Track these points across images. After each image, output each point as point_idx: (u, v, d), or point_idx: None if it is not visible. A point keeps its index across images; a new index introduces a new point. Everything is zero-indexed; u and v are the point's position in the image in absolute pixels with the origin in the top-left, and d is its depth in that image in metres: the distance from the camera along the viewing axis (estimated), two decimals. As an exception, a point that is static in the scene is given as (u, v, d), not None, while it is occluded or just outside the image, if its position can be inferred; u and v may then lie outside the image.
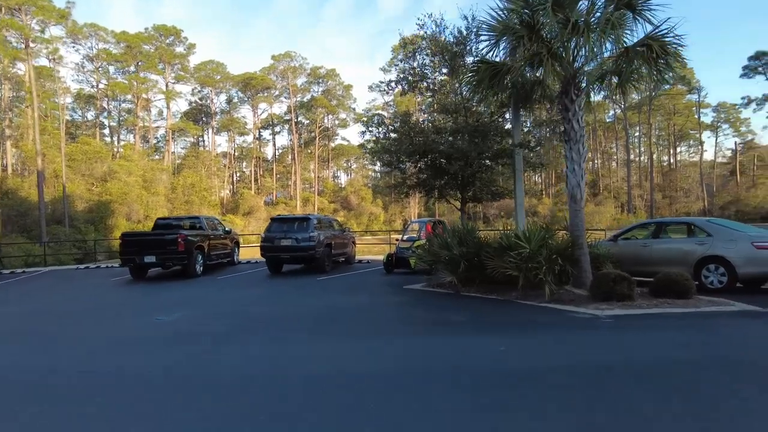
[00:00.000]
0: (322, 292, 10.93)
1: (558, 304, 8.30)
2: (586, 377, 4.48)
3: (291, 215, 15.88)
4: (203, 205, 42.95)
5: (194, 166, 56.85)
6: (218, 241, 17.01)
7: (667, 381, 4.29)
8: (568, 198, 9.23)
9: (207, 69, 63.15)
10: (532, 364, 4.95)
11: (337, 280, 13.23)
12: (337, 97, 64.74)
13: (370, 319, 7.65)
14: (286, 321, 7.76)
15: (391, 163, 12.88)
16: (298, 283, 12.86)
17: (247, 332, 7.02)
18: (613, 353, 5.29)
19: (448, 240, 9.87)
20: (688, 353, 5.27)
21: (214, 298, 10.79)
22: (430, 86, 12.30)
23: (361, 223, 56.22)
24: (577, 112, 9.06)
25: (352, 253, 17.60)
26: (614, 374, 4.55)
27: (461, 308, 8.43)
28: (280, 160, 73.26)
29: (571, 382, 4.32)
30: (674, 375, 4.50)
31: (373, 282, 12.61)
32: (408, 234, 15.15)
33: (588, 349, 5.51)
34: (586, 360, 5.04)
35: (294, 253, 14.36)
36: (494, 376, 4.57)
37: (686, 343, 5.70)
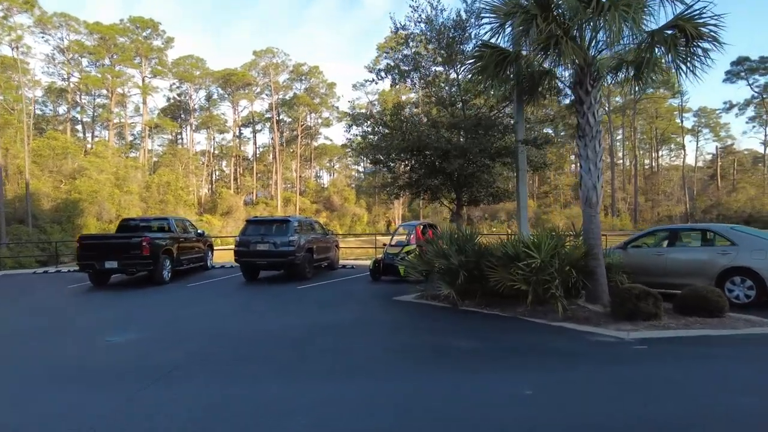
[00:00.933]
0: (301, 305, 9.70)
1: (573, 323, 7.24)
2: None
3: (268, 217, 14.58)
4: (179, 204, 41.15)
5: (171, 164, 54.86)
6: (189, 245, 15.64)
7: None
8: (582, 202, 8.20)
9: (186, 64, 61.12)
10: (570, 419, 3.83)
11: (319, 288, 12.01)
12: (320, 95, 63.28)
13: (358, 345, 6.45)
14: (257, 346, 6.52)
15: (380, 160, 11.73)
16: (276, 292, 11.60)
17: (207, 363, 5.77)
18: (667, 399, 4.21)
19: (445, 248, 8.74)
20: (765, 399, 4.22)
21: (179, 311, 9.48)
22: (423, 76, 11.17)
23: (344, 225, 54.90)
24: (593, 105, 8.03)
25: (335, 258, 16.38)
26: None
27: (463, 329, 7.30)
28: (260, 159, 71.44)
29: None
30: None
31: (358, 291, 11.43)
32: (396, 238, 14.01)
33: (632, 392, 4.42)
34: (640, 411, 3.94)
35: (272, 259, 13.08)
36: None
37: (755, 383, 4.65)
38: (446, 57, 10.59)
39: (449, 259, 8.63)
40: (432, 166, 10.68)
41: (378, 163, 11.99)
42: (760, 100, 58.52)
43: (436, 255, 8.87)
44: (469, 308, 8.64)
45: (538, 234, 8.01)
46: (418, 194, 11.78)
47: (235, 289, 12.36)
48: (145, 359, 5.94)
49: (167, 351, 6.33)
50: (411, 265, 9.47)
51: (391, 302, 9.78)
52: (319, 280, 13.55)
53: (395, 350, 6.20)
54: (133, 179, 40.87)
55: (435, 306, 9.05)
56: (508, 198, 12.03)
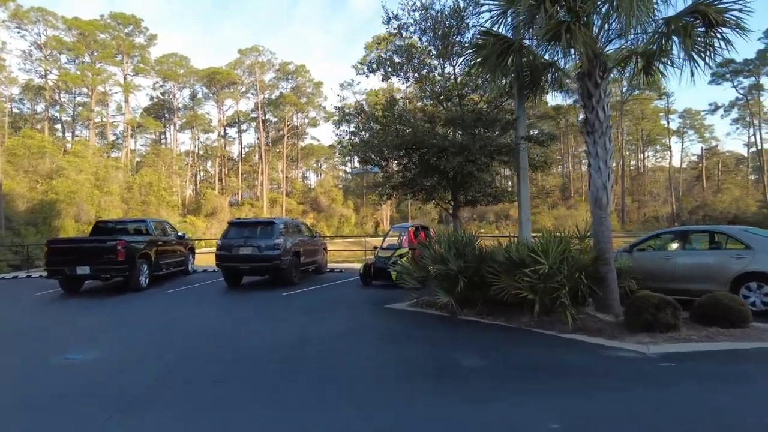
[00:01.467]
0: (286, 315, 8.96)
1: (585, 335, 6.64)
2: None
3: (252, 219, 13.80)
4: (161, 205, 39.99)
5: (154, 164, 53.51)
6: (169, 248, 14.80)
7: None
8: (591, 203, 7.61)
9: (169, 62, 59.73)
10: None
11: (306, 295, 11.29)
12: (306, 94, 62.34)
13: (350, 363, 5.75)
14: (237, 365, 5.79)
15: (371, 159, 11.06)
16: (260, 299, 10.85)
17: (180, 386, 5.04)
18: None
19: (443, 252, 8.09)
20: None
21: (152, 322, 8.69)
22: (417, 69, 10.51)
23: (331, 226, 54.08)
24: (603, 99, 7.45)
25: (323, 262, 15.66)
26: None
27: (467, 342, 6.64)
28: (246, 159, 70.22)
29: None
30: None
31: (348, 298, 10.73)
32: (388, 241, 13.34)
33: (679, 424, 3.80)
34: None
35: (255, 264, 12.32)
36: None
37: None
38: (442, 49, 9.95)
39: (448, 264, 7.99)
40: (428, 165, 10.02)
41: (369, 163, 11.30)
42: (744, 101, 59.07)
43: (433, 260, 8.21)
44: (470, 317, 8.00)
45: (544, 237, 7.39)
46: (412, 195, 11.11)
47: (216, 297, 11.58)
48: (107, 382, 5.18)
49: (135, 371, 5.57)
50: (406, 271, 8.80)
51: (384, 310, 9.10)
52: (307, 285, 12.82)
53: (389, 368, 5.51)
54: (114, 180, 39.61)
55: (431, 315, 8.39)
56: (508, 198, 11.44)
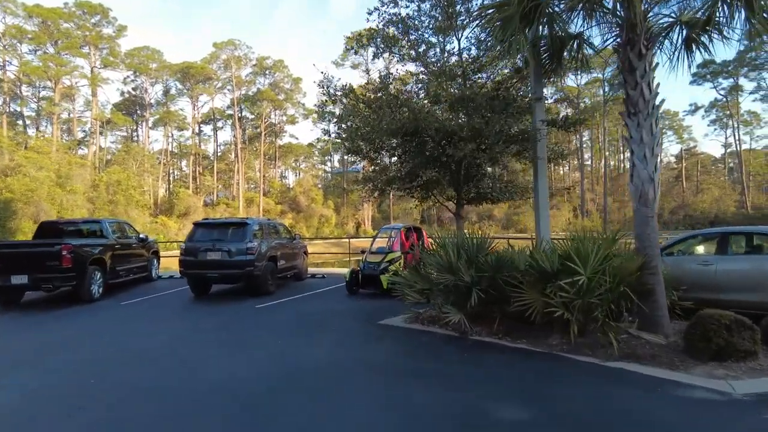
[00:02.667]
0: (256, 337, 7.36)
1: (637, 364, 5.27)
2: None
3: (222, 219, 12.12)
4: (130, 205, 37.66)
5: (124, 163, 50.90)
6: (128, 252, 13.04)
7: None
8: (634, 199, 6.26)
9: (141, 55, 57.06)
10: None
11: (283, 308, 9.72)
12: (284, 90, 60.33)
13: (337, 415, 4.26)
14: (188, 417, 4.23)
15: (360, 150, 9.55)
16: (229, 314, 9.23)
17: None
18: None
19: (453, 259, 6.64)
20: None
21: (95, 344, 7.03)
22: (414, 44, 8.99)
23: (311, 226, 52.30)
24: (648, 72, 6.12)
25: (303, 267, 14.07)
26: None
27: (492, 379, 5.16)
28: (222, 157, 67.83)
29: None
30: None
31: (334, 312, 9.20)
32: (377, 244, 11.86)
33: None
34: None
35: (225, 270, 10.69)
36: None
37: None
38: (445, 19, 8.49)
39: (458, 274, 6.54)
40: (429, 154, 8.55)
41: (357, 154, 9.77)
42: (723, 102, 59.49)
43: (440, 269, 6.76)
44: (484, 338, 6.58)
45: (577, 239, 6.01)
46: (408, 191, 9.59)
47: (178, 310, 9.92)
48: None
49: (52, 423, 3.98)
50: (406, 282, 7.31)
51: (378, 329, 7.61)
52: (284, 295, 11.24)
53: (394, 427, 4.02)
54: (78, 177, 37.12)
55: (436, 334, 6.94)
56: (522, 195, 10.04)
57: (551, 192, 9.96)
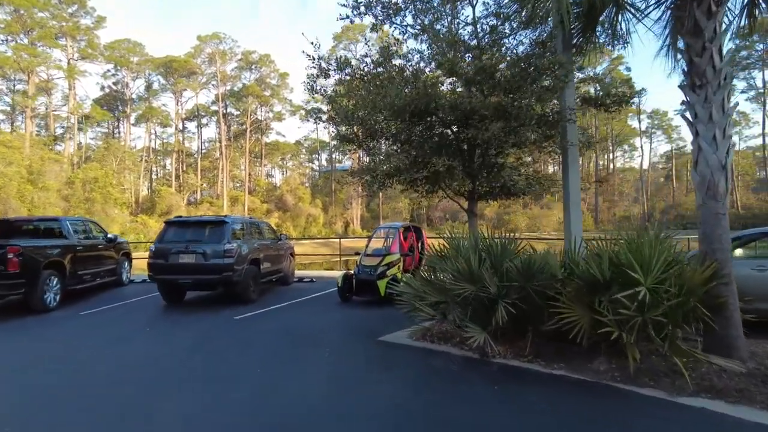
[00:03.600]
0: (232, 362, 6.02)
1: (722, 402, 4.09)
2: None
3: (197, 217, 10.76)
4: (108, 203, 35.87)
5: (104, 159, 48.93)
6: (93, 254, 11.62)
7: None
8: (699, 191, 5.08)
9: (121, 48, 55.07)
10: None
11: (267, 319, 8.41)
12: (271, 86, 58.68)
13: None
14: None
15: (352, 139, 8.23)
16: (202, 327, 7.90)
17: None
18: None
19: (474, 265, 5.40)
20: None
21: (35, 373, 5.67)
22: (421, 11, 7.68)
23: (298, 226, 50.81)
24: (718, 35, 4.96)
25: (289, 270, 12.75)
26: None
27: (548, 427, 3.96)
28: (207, 155, 65.95)
29: None
30: None
31: (324, 325, 7.91)
32: (373, 245, 10.60)
33: None
34: None
35: (200, 276, 9.35)
36: None
37: None
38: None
39: (481, 283, 5.32)
40: (440, 139, 7.27)
41: (351, 142, 8.45)
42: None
43: (458, 277, 5.52)
44: (510, 361, 5.35)
45: (636, 240, 4.80)
46: (413, 184, 8.25)
47: (144, 322, 8.55)
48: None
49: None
50: (415, 293, 6.04)
51: (380, 348, 6.36)
52: (269, 302, 9.93)
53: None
54: (52, 174, 35.25)
55: (452, 356, 5.70)
56: (549, 187, 8.77)
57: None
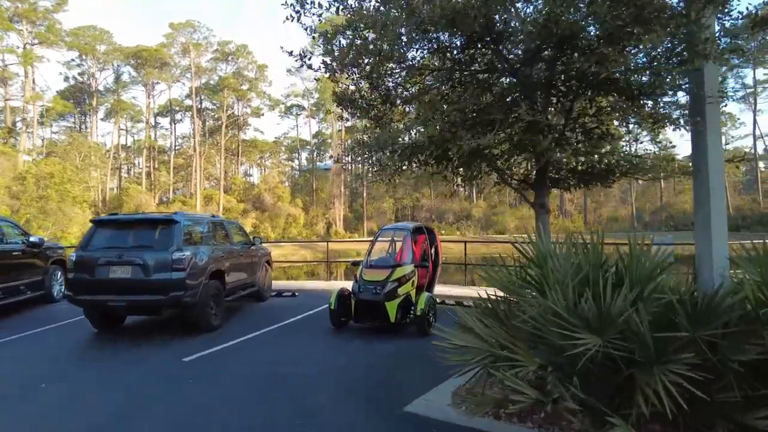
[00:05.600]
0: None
1: None
2: None
3: (135, 215, 8.02)
4: (65, 201, 32.44)
5: (66, 155, 45.22)
6: (6, 263, 8.91)
7: None
8: None
9: (86, 35, 51.30)
10: None
11: (228, 364, 5.81)
12: (249, 80, 55.51)
13: None
14: None
15: (355, 101, 5.66)
16: (131, 381, 5.26)
17: None
18: None
19: (601, 301, 2.92)
20: None
21: None
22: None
23: (277, 227, 47.83)
24: None
25: (265, 282, 10.12)
26: None
27: None
28: (181, 152, 62.38)
29: None
30: None
31: (315, 374, 5.36)
32: (376, 253, 8.07)
33: None
34: None
35: (138, 297, 6.70)
36: None
37: None
38: None
39: (613, 331, 2.86)
40: (511, 85, 4.77)
41: (352, 105, 5.84)
42: (702, 101, 58.27)
43: (570, 322, 3.03)
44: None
45: None
46: (446, 164, 5.58)
47: (49, 366, 5.87)
48: None
49: None
50: (493, 353, 3.48)
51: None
52: (235, 330, 7.31)
53: None
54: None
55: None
56: (660, 171, 6.27)
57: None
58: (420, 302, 6.84)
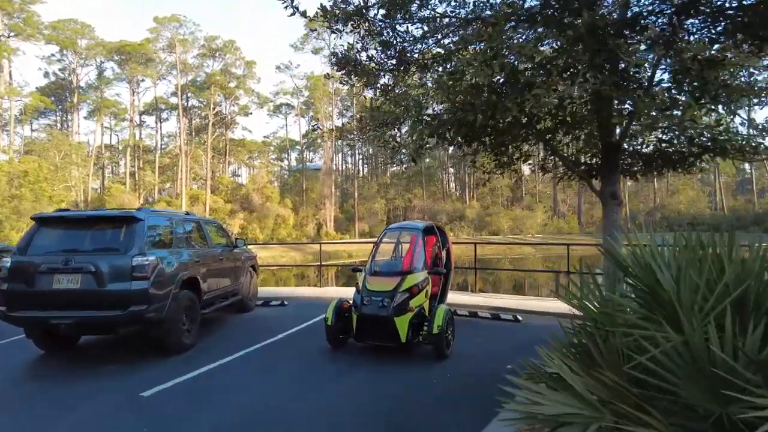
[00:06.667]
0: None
1: None
2: None
3: (87, 212, 6.64)
4: (41, 201, 30.73)
5: (45, 153, 43.40)
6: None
7: None
8: None
9: (67, 29, 49.42)
10: None
11: (199, 401, 4.54)
12: (236, 77, 53.90)
13: None
14: None
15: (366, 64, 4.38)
16: (73, 419, 3.99)
17: None
18: None
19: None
20: None
21: None
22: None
23: (265, 228, 46.30)
24: None
25: (249, 290, 8.82)
26: None
27: None
28: (168, 151, 60.56)
29: None
30: None
31: (304, 419, 4.15)
32: (381, 255, 6.84)
33: None
34: None
35: (89, 313, 5.39)
36: None
37: None
38: None
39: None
40: None
41: (354, 72, 4.56)
42: (695, 102, 57.86)
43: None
44: None
45: None
46: (486, 143, 4.28)
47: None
48: None
49: None
50: (567, 414, 2.33)
51: None
52: (210, 352, 6.03)
53: None
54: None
55: None
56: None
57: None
58: (437, 317, 5.62)
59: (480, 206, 57.81)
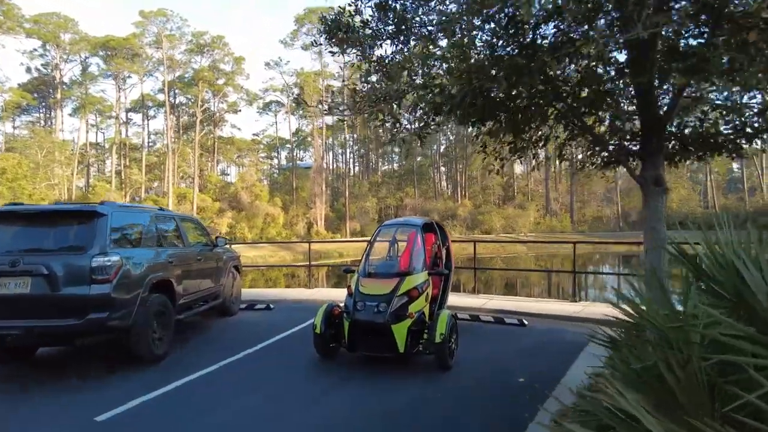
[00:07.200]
0: None
1: None
2: None
3: (42, 207, 5.88)
4: (21, 199, 29.63)
5: (26, 150, 42.16)
6: None
7: None
8: None
9: (49, 23, 48.12)
10: None
11: (165, 419, 3.89)
12: (225, 73, 52.88)
13: None
14: None
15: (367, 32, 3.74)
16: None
17: None
18: None
19: None
20: None
21: None
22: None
23: (254, 227, 45.40)
24: None
25: (231, 293, 8.12)
26: None
27: None
28: (155, 150, 59.38)
29: None
30: None
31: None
32: (375, 255, 6.20)
33: None
34: None
35: (43, 322, 4.70)
36: None
37: None
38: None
39: None
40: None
41: (354, 44, 3.93)
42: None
43: None
44: None
45: None
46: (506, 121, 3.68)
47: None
48: None
49: None
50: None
51: None
52: (183, 363, 5.34)
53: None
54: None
55: None
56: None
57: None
58: (440, 324, 5.00)
59: (472, 205, 57.35)
